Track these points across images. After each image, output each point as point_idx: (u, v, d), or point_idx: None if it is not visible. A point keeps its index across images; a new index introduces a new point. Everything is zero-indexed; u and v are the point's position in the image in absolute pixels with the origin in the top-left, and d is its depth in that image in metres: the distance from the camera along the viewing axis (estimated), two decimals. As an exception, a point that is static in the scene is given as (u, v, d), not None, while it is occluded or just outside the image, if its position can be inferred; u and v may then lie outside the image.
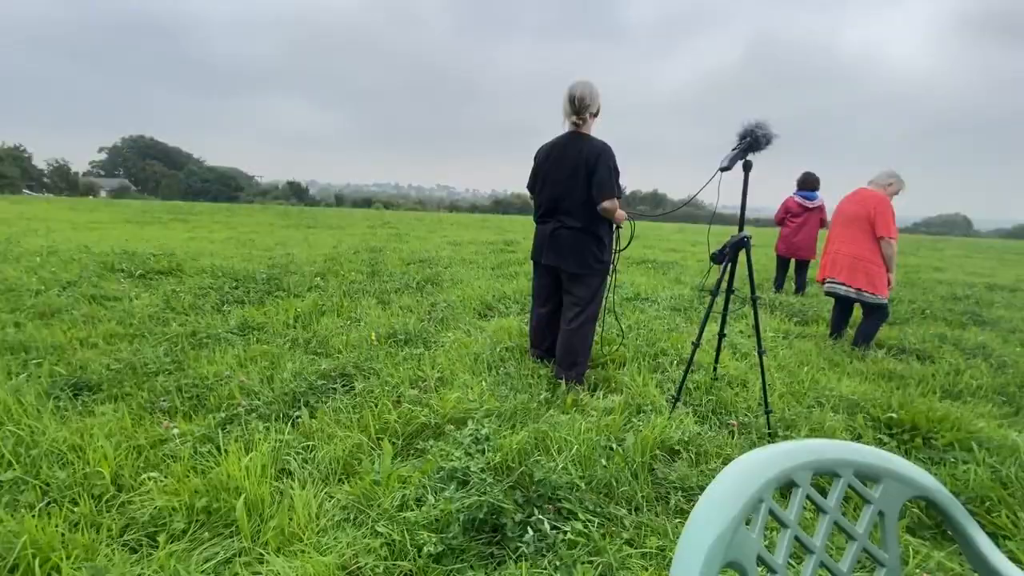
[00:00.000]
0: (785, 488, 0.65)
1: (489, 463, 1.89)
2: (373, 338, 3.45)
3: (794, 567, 1.40)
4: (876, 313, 3.80)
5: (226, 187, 60.75)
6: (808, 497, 0.65)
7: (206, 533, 1.61)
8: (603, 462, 1.98)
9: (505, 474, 1.87)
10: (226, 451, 1.94)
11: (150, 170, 68.82)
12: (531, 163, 2.97)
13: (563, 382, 2.78)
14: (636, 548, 1.61)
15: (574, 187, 2.71)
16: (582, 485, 1.85)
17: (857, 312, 4.09)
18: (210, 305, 4.20)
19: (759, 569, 0.58)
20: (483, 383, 2.74)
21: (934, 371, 3.33)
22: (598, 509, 1.77)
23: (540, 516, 1.68)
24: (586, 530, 1.65)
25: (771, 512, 0.61)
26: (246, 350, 3.18)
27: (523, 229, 15.74)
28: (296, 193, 65.42)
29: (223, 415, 2.31)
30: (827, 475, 0.67)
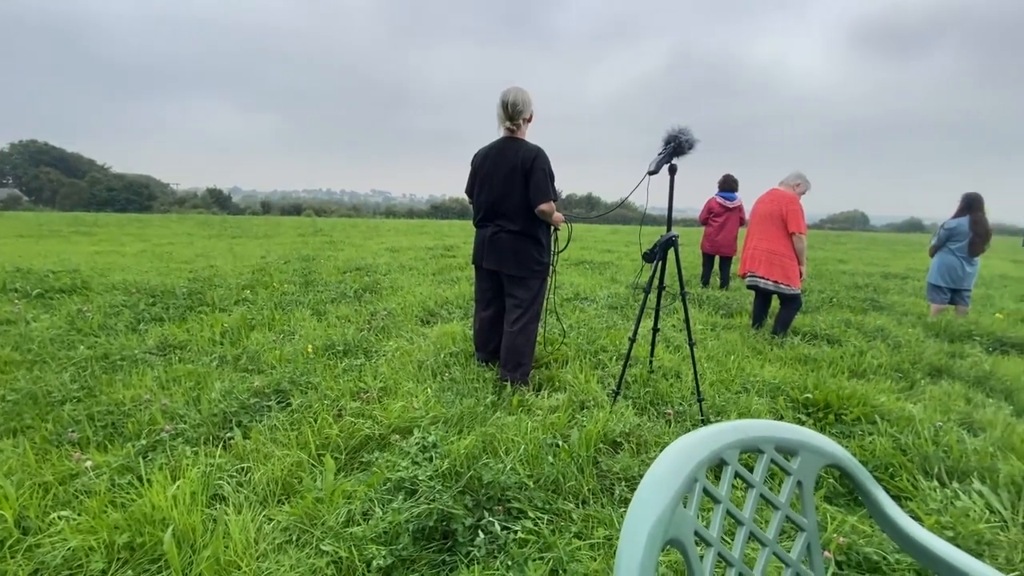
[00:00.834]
0: (717, 467, 0.70)
1: (437, 470, 1.87)
2: (309, 351, 3.31)
3: (727, 543, 1.49)
4: (791, 303, 4.14)
5: (137, 196, 55.85)
6: (737, 473, 0.70)
7: (130, 571, 1.48)
8: (550, 459, 2.02)
9: (454, 480, 1.86)
10: (149, 481, 1.79)
11: (45, 178, 61.98)
12: (468, 168, 2.99)
13: (509, 384, 2.81)
14: (585, 540, 1.65)
15: (511, 191, 2.75)
16: (531, 484, 1.88)
17: (775, 303, 4.43)
18: (123, 324, 3.86)
19: (697, 544, 0.62)
20: (428, 390, 2.71)
21: (842, 353, 3.67)
22: (547, 506, 1.80)
23: (490, 518, 1.69)
24: (536, 527, 1.68)
25: (705, 490, 0.65)
26: (167, 371, 2.95)
27: (463, 234, 15.70)
28: (218, 201, 61.32)
29: (144, 442, 2.13)
30: (752, 452, 0.72)
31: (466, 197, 3.09)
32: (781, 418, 2.62)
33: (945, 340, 4.24)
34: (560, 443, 2.17)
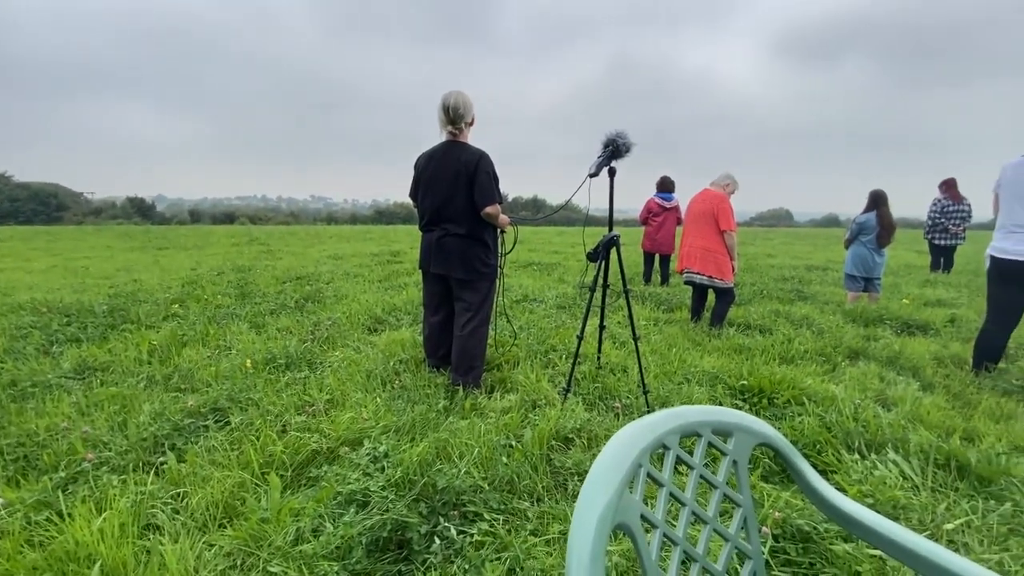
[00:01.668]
0: (660, 453, 0.74)
1: (390, 480, 1.84)
2: (248, 366, 3.15)
3: (672, 524, 1.56)
4: (726, 296, 4.38)
5: (44, 207, 50.92)
6: (678, 457, 0.74)
7: (50, 616, 1.36)
8: (504, 460, 2.03)
9: (407, 488, 1.83)
10: (71, 515, 1.65)
11: (-71, 189, 55.36)
12: (412, 172, 2.96)
13: (461, 388, 2.80)
14: (540, 536, 1.68)
15: (456, 194, 2.75)
16: (485, 486, 1.88)
17: (711, 297, 4.68)
18: (33, 347, 3.52)
19: (644, 528, 0.65)
20: (378, 400, 2.65)
21: (772, 342, 3.92)
22: (502, 506, 1.81)
23: (446, 524, 1.68)
24: (492, 528, 1.68)
25: (649, 475, 0.69)
26: (88, 395, 2.72)
27: (409, 239, 15.45)
28: (140, 210, 56.92)
29: (63, 475, 1.96)
30: (691, 436, 0.77)
31: (411, 201, 3.06)
32: (720, 404, 2.76)
33: (861, 325, 4.63)
34: (514, 443, 2.18)
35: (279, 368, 3.18)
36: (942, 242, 8.16)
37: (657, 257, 6.91)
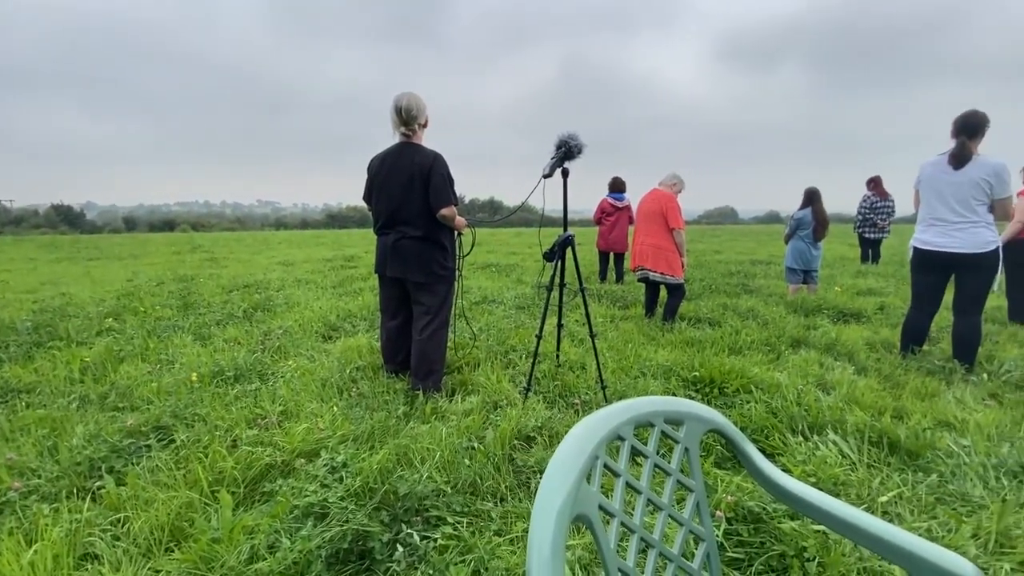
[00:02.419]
0: (617, 445, 0.76)
1: (349, 489, 1.79)
2: (194, 379, 2.99)
3: (630, 513, 1.61)
4: (677, 292, 4.54)
5: (-46, 216, 46.51)
6: (633, 447, 0.76)
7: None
8: (467, 462, 2.03)
9: (368, 497, 1.80)
10: (-6, 551, 1.51)
11: None
12: (365, 175, 2.90)
13: (421, 392, 2.76)
14: (504, 536, 1.68)
15: (411, 197, 2.72)
16: (448, 489, 1.87)
17: (664, 293, 4.83)
18: (-55, 370, 3.20)
19: (602, 518, 0.67)
20: (334, 409, 2.58)
21: (721, 334, 4.09)
22: (465, 508, 1.81)
23: (409, 530, 1.66)
24: (456, 532, 1.67)
25: (605, 466, 0.70)
26: (12, 420, 2.51)
27: (363, 243, 15.12)
28: (67, 219, 52.89)
29: (-17, 507, 1.79)
30: (645, 426, 0.79)
31: (365, 204, 3.00)
32: (674, 395, 2.86)
33: (801, 315, 4.90)
34: (476, 445, 2.18)
35: (228, 381, 3.04)
36: (871, 235, 8.78)
37: (612, 255, 7.07)
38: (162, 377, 3.08)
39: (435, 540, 1.64)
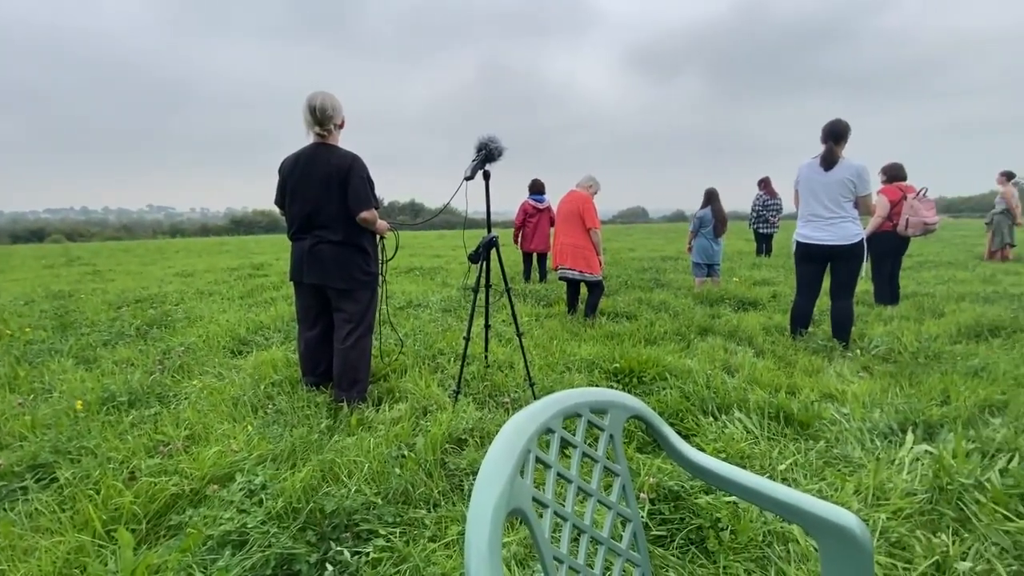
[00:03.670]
0: (548, 439, 0.78)
1: (270, 512, 1.69)
2: (79, 408, 2.66)
3: (562, 503, 1.66)
4: (596, 289, 4.74)
5: None
6: (563, 439, 0.79)
7: None
8: (397, 471, 1.98)
9: (292, 518, 1.70)
10: None
11: None
12: (276, 176, 2.74)
13: (345, 403, 2.66)
14: (439, 542, 1.67)
15: (328, 200, 2.60)
16: (379, 501, 1.82)
17: (584, 290, 5.02)
18: None
19: (537, 510, 0.69)
20: (249, 428, 2.41)
21: (638, 326, 4.33)
22: (398, 519, 1.77)
23: (338, 547, 1.59)
24: (389, 543, 1.63)
25: (537, 458, 0.73)
26: None
27: (274, 249, 14.22)
28: (-101, 231, 44.57)
29: None
30: (573, 417, 0.83)
31: (276, 209, 2.83)
32: (598, 387, 2.99)
33: (707, 305, 5.32)
34: (406, 453, 2.14)
35: (121, 407, 2.73)
36: (764, 231, 9.72)
37: (535, 256, 7.22)
38: (37, 408, 2.70)
39: (367, 554, 1.58)
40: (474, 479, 2.00)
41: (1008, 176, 8.54)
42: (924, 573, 1.48)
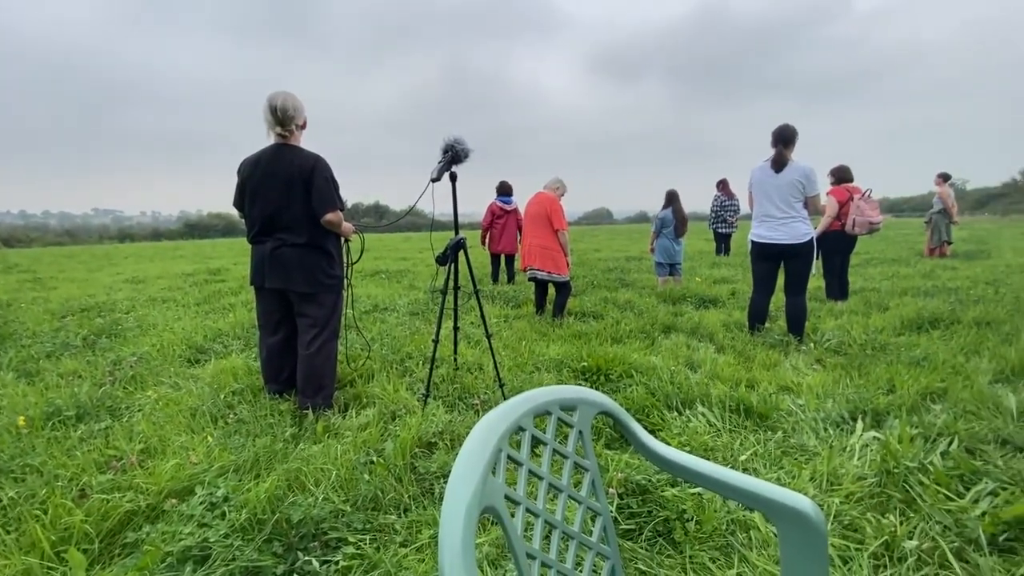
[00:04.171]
0: (519, 437, 0.79)
1: (234, 525, 1.63)
2: (22, 424, 2.50)
3: (533, 500, 1.68)
4: (564, 289, 4.79)
5: None
6: (534, 436, 0.80)
7: None
8: (366, 477, 1.95)
9: (256, 529, 1.65)
10: None
11: None
12: (234, 178, 2.65)
13: (311, 410, 2.59)
14: (411, 546, 1.65)
15: (291, 201, 2.54)
16: (347, 508, 1.79)
17: (552, 290, 5.07)
18: None
19: (509, 508, 0.70)
20: (209, 439, 2.32)
21: (604, 325, 4.40)
22: (368, 525, 1.74)
23: (306, 557, 1.55)
24: (359, 550, 1.61)
25: (509, 456, 0.74)
26: None
27: (231, 253, 13.73)
28: None
29: None
30: (543, 415, 0.84)
31: (235, 211, 2.74)
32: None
33: (670, 304, 5.46)
34: (375, 458, 2.11)
35: (68, 422, 2.58)
36: (723, 231, 10.05)
37: (503, 257, 7.24)
38: (-28, 426, 2.52)
39: (336, 562, 1.56)
40: (445, 482, 2.00)
41: (944, 177, 9.13)
42: (875, 553, 1.57)
